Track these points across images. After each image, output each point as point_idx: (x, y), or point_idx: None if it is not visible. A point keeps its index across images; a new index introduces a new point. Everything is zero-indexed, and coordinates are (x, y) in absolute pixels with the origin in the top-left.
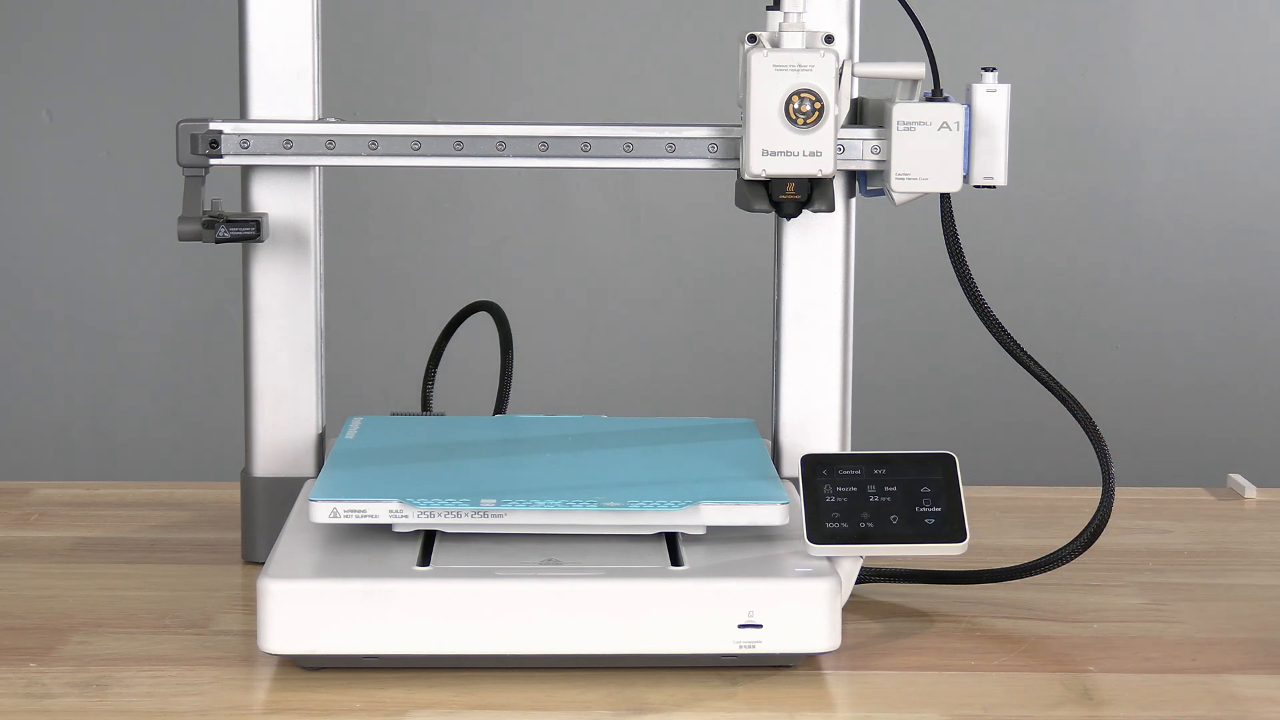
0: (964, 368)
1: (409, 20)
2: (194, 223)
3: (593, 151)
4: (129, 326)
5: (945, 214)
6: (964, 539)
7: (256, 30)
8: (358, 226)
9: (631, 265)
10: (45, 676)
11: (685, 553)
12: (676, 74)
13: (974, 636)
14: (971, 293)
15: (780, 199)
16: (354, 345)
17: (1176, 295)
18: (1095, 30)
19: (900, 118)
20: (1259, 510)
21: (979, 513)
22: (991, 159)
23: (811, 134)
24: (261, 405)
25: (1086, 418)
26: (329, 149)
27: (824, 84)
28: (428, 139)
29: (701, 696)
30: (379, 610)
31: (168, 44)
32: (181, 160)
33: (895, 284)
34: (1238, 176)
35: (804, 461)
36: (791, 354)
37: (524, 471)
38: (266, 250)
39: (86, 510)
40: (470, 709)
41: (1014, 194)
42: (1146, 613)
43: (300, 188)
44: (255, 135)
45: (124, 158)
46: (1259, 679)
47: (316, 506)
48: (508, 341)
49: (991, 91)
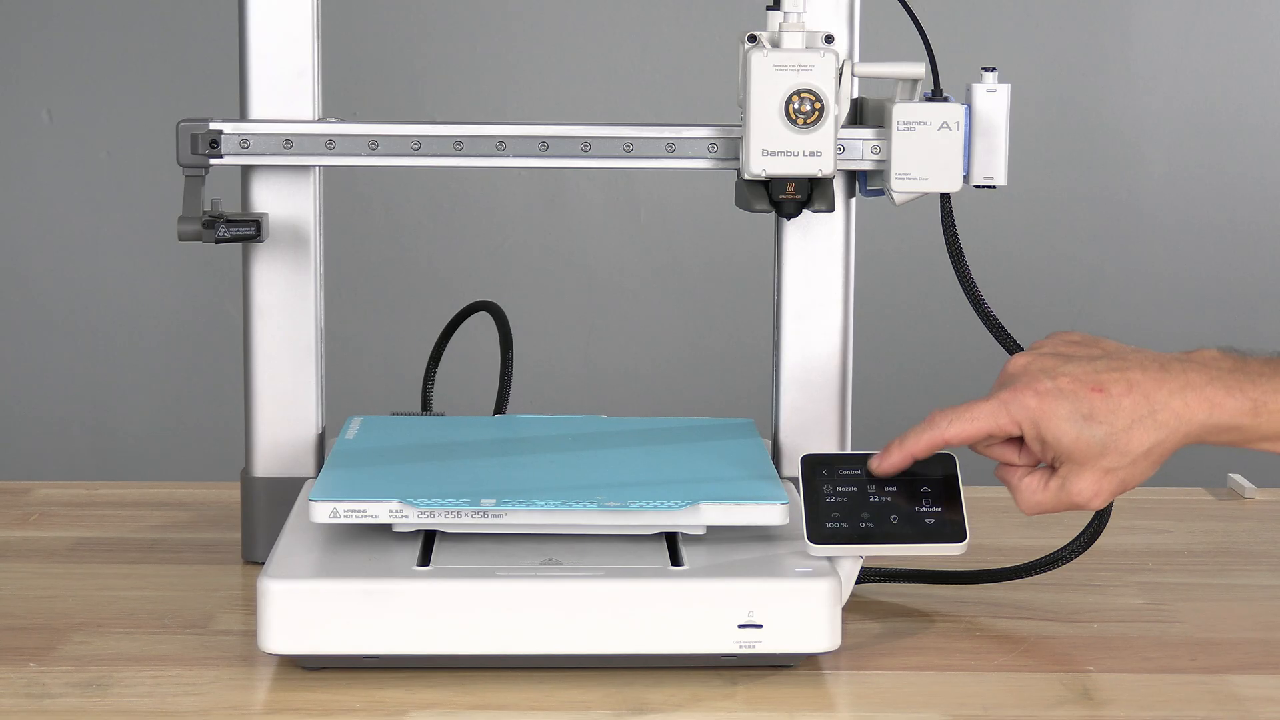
0: (964, 368)
1: (409, 20)
2: (194, 223)
3: (593, 151)
4: (129, 326)
5: (945, 214)
6: (964, 539)
7: (256, 30)
8: (358, 226)
9: (631, 265)
10: (45, 676)
11: (685, 553)
12: (676, 74)
13: (974, 636)
14: (971, 293)
15: (780, 199)
16: (354, 345)
17: (1176, 294)
18: (1095, 30)
19: (900, 118)
20: (1259, 510)
21: (979, 513)
22: (991, 159)
23: (811, 134)
24: (261, 405)
25: None
26: (329, 149)
27: (824, 84)
28: (428, 139)
29: (701, 696)
30: (379, 610)
31: (168, 44)
32: (181, 160)
33: (895, 284)
34: (1238, 175)
35: (804, 461)
36: (791, 354)
37: (524, 471)
38: (266, 250)
39: (86, 510)
40: (470, 709)
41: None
42: (1146, 613)
43: (300, 188)
44: (255, 135)
45: (124, 158)
46: (1259, 679)
47: (316, 506)
48: (508, 341)
49: (991, 91)
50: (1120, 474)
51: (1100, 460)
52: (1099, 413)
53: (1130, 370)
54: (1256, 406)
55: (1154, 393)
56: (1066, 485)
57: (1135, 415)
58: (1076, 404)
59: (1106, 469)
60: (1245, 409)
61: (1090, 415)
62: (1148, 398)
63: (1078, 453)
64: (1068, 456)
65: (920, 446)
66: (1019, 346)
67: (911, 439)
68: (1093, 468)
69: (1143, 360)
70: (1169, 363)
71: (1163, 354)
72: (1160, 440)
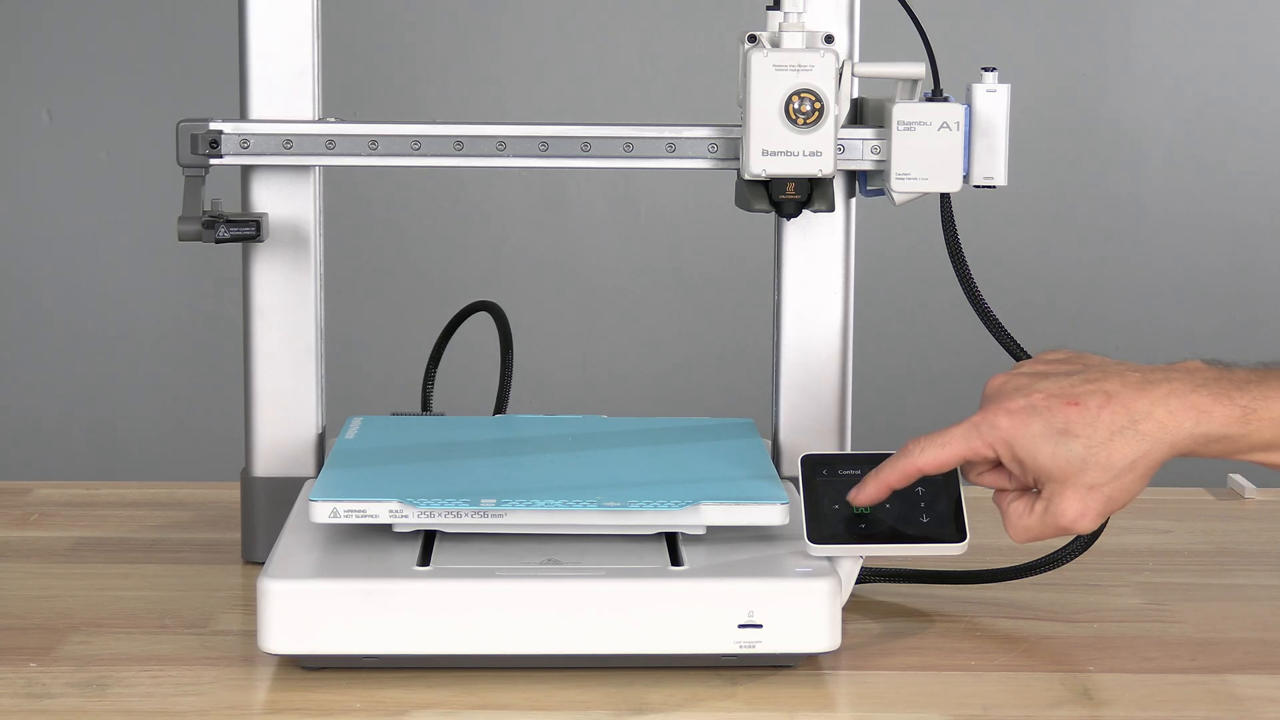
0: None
1: (409, 20)
2: (194, 223)
3: (593, 151)
4: (129, 326)
5: (945, 214)
6: (964, 539)
7: (256, 30)
8: (358, 226)
9: (631, 265)
10: (45, 676)
11: (685, 553)
12: (677, 74)
13: (974, 636)
14: (971, 293)
15: (780, 199)
16: (354, 345)
17: (1177, 294)
18: (1095, 30)
19: (900, 118)
20: (1259, 510)
21: (979, 513)
22: (991, 159)
23: (811, 134)
24: (261, 405)
25: None
26: (329, 149)
27: (824, 84)
28: (428, 139)
29: (701, 696)
30: (379, 610)
31: (168, 44)
32: (181, 160)
33: (895, 284)
34: (1239, 173)
35: (804, 461)
36: (791, 354)
37: (524, 471)
38: (266, 250)
39: (86, 510)
40: (470, 709)
41: (1014, 193)
42: (1146, 613)
43: (300, 188)
44: (255, 135)
45: (124, 158)
46: (1259, 679)
47: (316, 506)
48: (508, 341)
49: (991, 91)
50: (1105, 490)
51: (1081, 477)
52: (1075, 426)
53: (1108, 381)
54: (1246, 414)
55: (1134, 402)
56: (1051, 507)
57: (1115, 427)
58: (1050, 420)
59: (1089, 485)
60: (1234, 416)
61: (1066, 430)
62: (1127, 408)
63: (1057, 471)
64: (1048, 476)
65: (895, 477)
66: (1019, 346)
67: (886, 470)
68: (1075, 485)
69: (1122, 371)
70: (1150, 373)
71: (1146, 366)
72: (1145, 452)
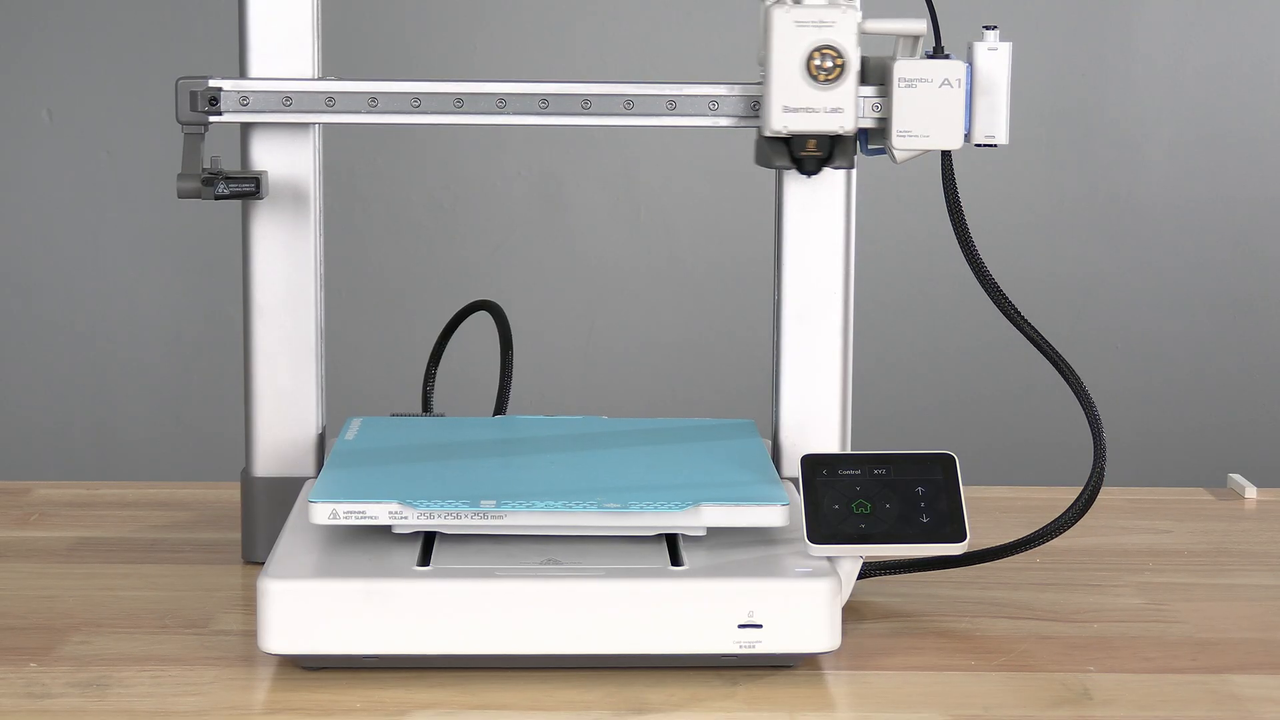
0: (964, 368)
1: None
2: (193, 180)
3: (593, 109)
4: (129, 326)
5: (946, 172)
6: (964, 538)
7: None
8: (358, 226)
9: (631, 265)
10: (45, 676)
11: (685, 553)
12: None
13: (974, 636)
14: (969, 252)
15: (801, 155)
16: (354, 345)
17: (1177, 295)
18: (1096, 30)
19: (902, 74)
20: (1259, 510)
21: (979, 513)
22: (992, 117)
23: (832, 90)
24: (261, 405)
25: (1077, 382)
26: (329, 106)
27: (845, 40)
28: (427, 96)
29: (701, 696)
30: (379, 610)
31: (168, 44)
32: (181, 117)
33: (896, 285)
34: (1238, 176)
35: (804, 461)
36: (791, 354)
37: (524, 473)
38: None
39: (86, 510)
40: (470, 709)
41: (1014, 193)
42: (1146, 613)
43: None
44: (255, 92)
45: (124, 158)
46: (1259, 679)
47: (316, 508)
48: (508, 341)
49: (993, 50)
50: None
51: None
52: None
53: None
54: None
55: None
56: None
57: None
58: None
59: None
60: None
61: None
62: None
63: None
64: None
65: None
66: (1019, 314)
67: None
68: None
69: None
70: None
71: None
72: None
